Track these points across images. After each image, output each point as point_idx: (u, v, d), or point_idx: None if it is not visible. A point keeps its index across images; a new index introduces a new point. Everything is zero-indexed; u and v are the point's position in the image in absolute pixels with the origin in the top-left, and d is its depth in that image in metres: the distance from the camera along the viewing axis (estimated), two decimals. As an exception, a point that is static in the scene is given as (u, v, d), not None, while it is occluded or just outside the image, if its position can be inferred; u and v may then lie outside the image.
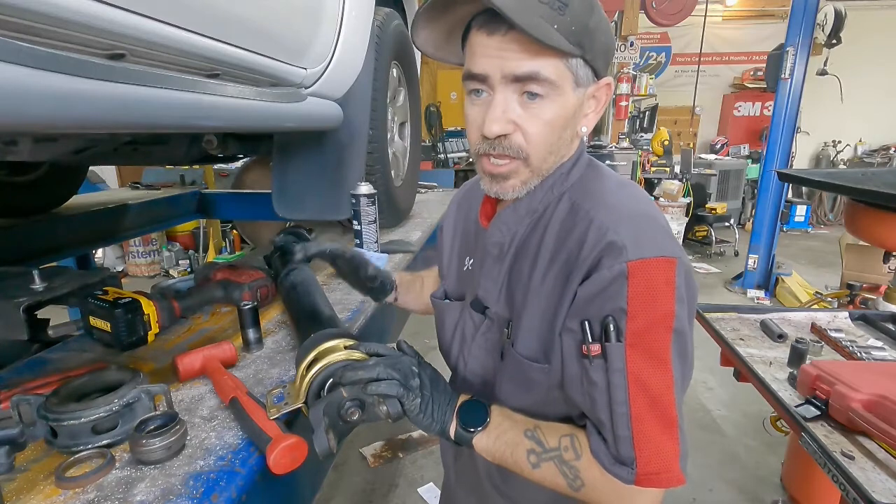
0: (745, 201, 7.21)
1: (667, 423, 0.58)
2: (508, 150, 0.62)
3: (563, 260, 0.63)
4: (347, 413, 0.63)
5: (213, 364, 0.84)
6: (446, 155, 7.41)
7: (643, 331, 0.58)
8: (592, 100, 0.65)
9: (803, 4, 3.95)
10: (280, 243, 1.31)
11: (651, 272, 0.58)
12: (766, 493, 2.24)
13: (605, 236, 0.60)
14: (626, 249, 0.58)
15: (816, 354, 1.46)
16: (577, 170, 0.69)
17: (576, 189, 0.68)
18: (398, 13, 1.92)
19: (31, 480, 0.61)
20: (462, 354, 0.80)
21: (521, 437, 0.65)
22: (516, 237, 0.71)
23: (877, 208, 1.89)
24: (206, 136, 1.42)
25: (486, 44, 0.58)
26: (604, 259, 0.59)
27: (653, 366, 0.58)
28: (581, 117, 0.65)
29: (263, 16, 1.00)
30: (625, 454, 0.59)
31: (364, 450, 2.57)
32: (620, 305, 0.58)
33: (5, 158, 1.07)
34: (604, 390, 0.59)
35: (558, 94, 0.59)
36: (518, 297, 0.69)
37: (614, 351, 0.58)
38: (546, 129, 0.61)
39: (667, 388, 0.58)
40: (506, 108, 0.60)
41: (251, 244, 5.68)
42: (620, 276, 0.58)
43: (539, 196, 0.68)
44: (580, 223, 0.63)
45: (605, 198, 0.65)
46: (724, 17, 7.79)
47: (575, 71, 0.60)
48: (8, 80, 0.48)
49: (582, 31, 0.57)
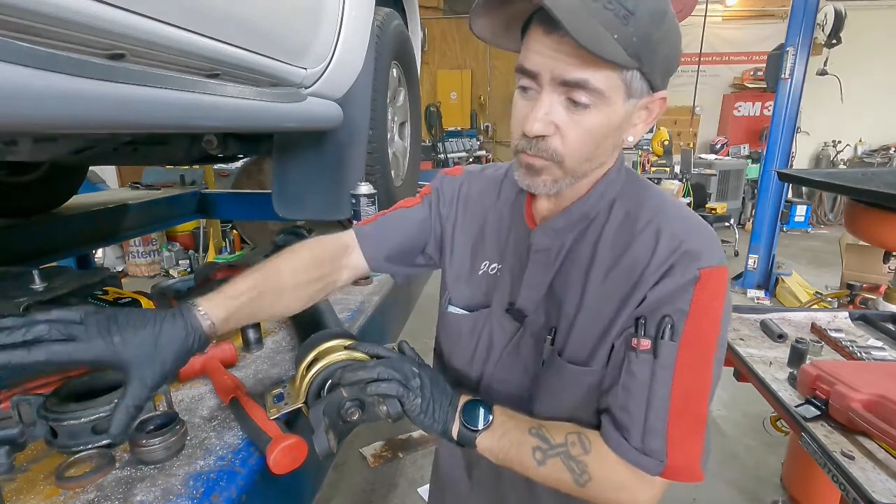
0: (745, 201, 7.21)
1: (697, 423, 0.62)
2: (544, 152, 0.61)
3: (628, 267, 0.64)
4: (347, 413, 0.63)
5: (213, 364, 0.84)
6: (446, 155, 7.42)
7: (697, 335, 0.60)
8: (644, 111, 0.63)
9: (803, 4, 3.95)
10: (280, 243, 1.31)
11: (715, 280, 0.61)
12: (766, 493, 2.24)
13: (681, 245, 0.61)
14: (700, 257, 0.61)
15: (816, 354, 1.46)
16: (620, 177, 0.69)
17: (626, 196, 0.68)
18: (398, 13, 1.92)
19: (31, 480, 0.61)
20: (487, 364, 0.77)
21: (525, 434, 0.65)
22: (565, 244, 0.69)
23: (877, 208, 1.89)
24: (206, 136, 1.42)
25: (542, 41, 0.57)
26: (677, 266, 0.61)
27: (698, 368, 0.61)
28: (629, 127, 0.63)
29: (263, 16, 1.00)
30: (654, 446, 0.61)
31: (364, 450, 2.57)
32: (682, 308, 0.60)
33: (5, 158, 1.06)
34: (644, 383, 0.61)
35: (605, 104, 0.58)
36: (568, 304, 0.68)
37: (666, 349, 0.60)
38: (586, 138, 0.60)
39: (704, 390, 0.61)
40: (549, 111, 0.58)
41: (251, 244, 5.69)
42: (691, 282, 0.60)
43: (591, 202, 0.68)
44: (644, 232, 0.64)
45: (663, 208, 0.66)
46: (724, 17, 7.79)
47: (629, 83, 0.57)
48: (8, 80, 0.48)
49: (644, 43, 0.55)
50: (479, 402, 0.68)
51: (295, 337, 1.00)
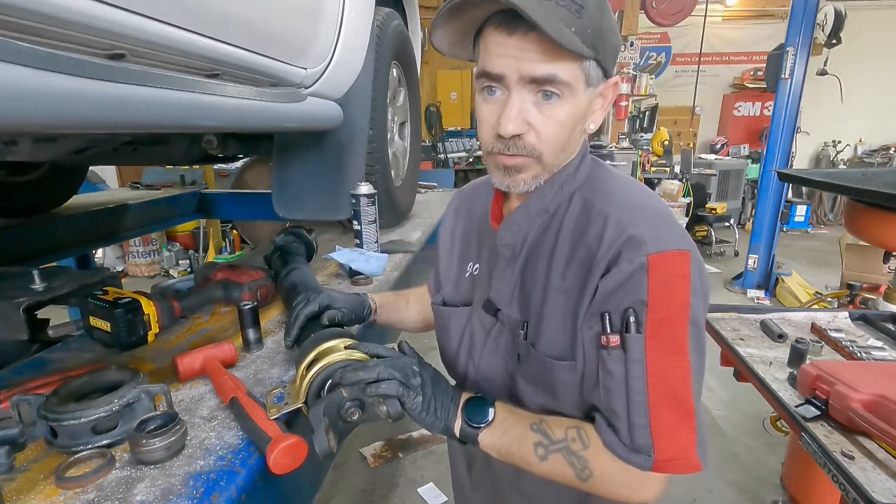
0: (745, 201, 7.21)
1: (683, 412, 0.60)
2: (522, 149, 0.62)
3: (582, 257, 0.64)
4: (347, 413, 0.63)
5: (213, 364, 0.84)
6: (446, 155, 7.41)
7: (662, 322, 0.59)
8: (600, 98, 0.66)
9: (803, 4, 3.95)
10: (280, 243, 1.31)
11: (669, 265, 0.59)
12: (766, 493, 2.24)
13: (624, 231, 0.61)
14: (645, 243, 0.60)
15: (816, 354, 1.46)
16: (584, 168, 0.70)
17: (586, 187, 0.69)
18: (398, 13, 1.92)
19: (31, 480, 0.61)
20: (472, 360, 0.80)
21: (526, 430, 0.65)
22: (528, 238, 0.71)
23: (877, 208, 1.89)
24: (206, 136, 1.42)
25: (504, 43, 0.58)
26: (623, 253, 0.60)
27: (671, 356, 0.60)
28: (590, 114, 0.66)
29: (263, 16, 1.00)
30: (641, 442, 0.60)
31: (364, 450, 2.57)
32: (641, 297, 0.59)
33: (5, 158, 1.06)
34: (621, 380, 0.60)
35: (572, 95, 0.60)
36: (535, 297, 0.69)
37: (634, 342, 0.59)
38: (559, 129, 0.62)
39: (684, 378, 0.60)
40: (521, 109, 0.60)
41: (251, 244, 5.69)
42: (641, 269, 0.59)
43: (549, 195, 0.69)
44: (596, 220, 0.64)
45: (617, 195, 0.67)
46: (724, 17, 7.79)
47: (587, 72, 0.60)
48: (8, 80, 0.48)
49: (596, 34, 0.58)
50: (482, 399, 0.68)
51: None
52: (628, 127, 6.89)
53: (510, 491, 0.81)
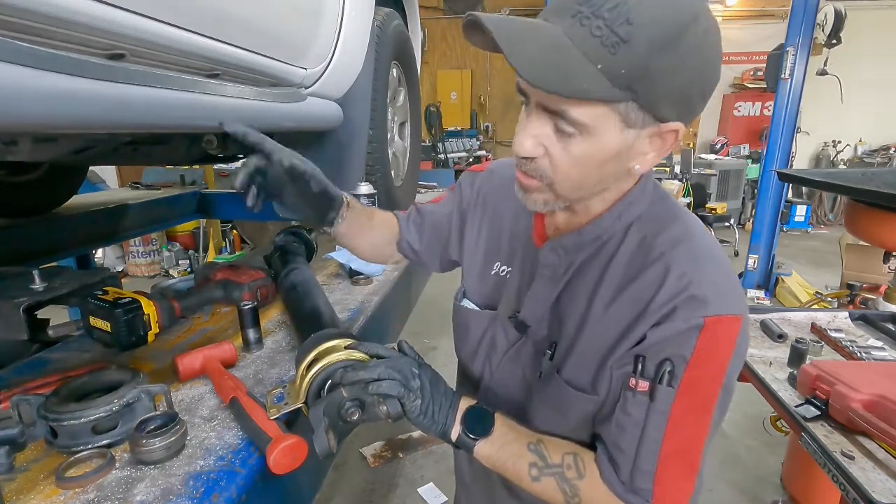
0: (745, 201, 7.21)
1: (689, 467, 0.61)
2: (534, 172, 0.59)
3: (633, 297, 0.61)
4: (347, 413, 0.63)
5: (213, 364, 0.84)
6: (446, 155, 7.42)
7: (697, 382, 0.58)
8: (657, 139, 0.57)
9: (803, 4, 3.94)
10: (280, 243, 1.31)
11: (722, 329, 0.57)
12: (766, 493, 2.24)
13: (687, 289, 0.57)
14: (706, 305, 0.57)
15: (816, 354, 1.46)
16: (645, 197, 0.65)
17: (644, 221, 0.64)
18: (398, 13, 1.92)
19: (31, 480, 0.61)
20: (489, 364, 0.79)
21: (523, 449, 0.65)
22: (574, 263, 0.67)
23: (877, 208, 1.89)
24: (206, 136, 1.42)
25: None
26: (680, 310, 0.57)
27: (695, 415, 0.60)
28: (636, 155, 0.57)
29: (263, 16, 1.00)
30: (641, 485, 0.61)
31: (364, 450, 2.57)
32: (683, 354, 0.57)
33: (5, 158, 1.06)
34: (638, 424, 0.60)
35: (591, 134, 0.54)
36: (570, 322, 0.67)
37: (663, 394, 0.58)
38: (574, 165, 0.57)
39: (700, 437, 0.60)
40: (538, 133, 0.56)
41: (251, 244, 5.68)
42: (695, 329, 0.57)
43: (606, 223, 0.65)
44: (655, 265, 0.60)
45: (680, 238, 0.61)
46: (724, 17, 7.78)
47: (623, 113, 0.52)
48: (8, 80, 0.48)
49: (637, 74, 0.49)
50: (484, 410, 0.67)
51: (295, 337, 1.00)
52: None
53: (502, 489, 0.82)
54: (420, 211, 0.91)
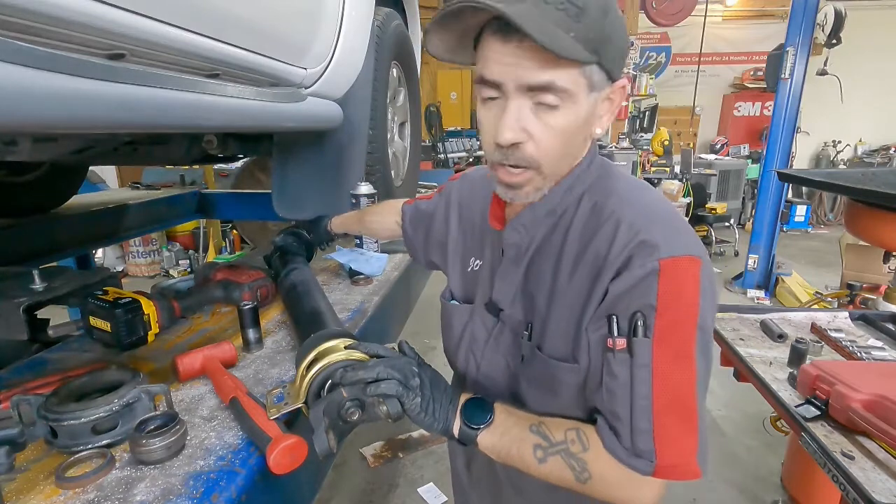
0: (745, 201, 7.21)
1: (687, 419, 0.60)
2: (521, 160, 0.61)
3: (591, 260, 0.64)
4: (347, 413, 0.63)
5: (213, 364, 0.84)
6: (446, 155, 7.41)
7: (670, 327, 0.59)
8: (607, 101, 0.63)
9: (803, 4, 3.95)
10: (280, 243, 1.31)
11: (680, 270, 0.59)
12: (766, 493, 2.24)
13: (637, 235, 0.60)
14: (657, 248, 0.59)
15: (816, 354, 1.46)
16: (593, 169, 0.69)
17: (595, 189, 0.68)
18: (398, 13, 1.92)
19: (31, 480, 0.61)
20: (473, 357, 0.80)
21: (526, 432, 0.65)
22: (535, 239, 0.70)
23: (877, 208, 1.89)
24: (206, 136, 1.42)
25: (501, 51, 0.57)
26: (635, 258, 0.60)
27: (677, 362, 0.59)
28: (595, 119, 0.63)
29: (263, 16, 1.00)
30: (643, 447, 0.60)
31: (364, 450, 2.56)
32: (650, 302, 0.58)
33: (5, 158, 1.06)
34: (626, 384, 0.60)
35: (572, 102, 0.58)
36: (540, 299, 0.69)
37: (641, 346, 0.59)
38: (558, 138, 0.60)
39: (689, 385, 0.60)
40: (519, 117, 0.58)
41: (251, 244, 5.68)
42: (652, 274, 0.58)
43: (557, 197, 0.68)
44: (606, 223, 0.64)
45: (628, 198, 0.65)
46: (724, 17, 7.79)
47: (589, 77, 0.58)
48: (8, 80, 0.48)
49: (598, 37, 0.56)
50: (482, 400, 0.68)
51: (295, 337, 1.00)
52: (628, 127, 6.89)
53: (509, 488, 0.81)
54: (417, 208, 0.98)
